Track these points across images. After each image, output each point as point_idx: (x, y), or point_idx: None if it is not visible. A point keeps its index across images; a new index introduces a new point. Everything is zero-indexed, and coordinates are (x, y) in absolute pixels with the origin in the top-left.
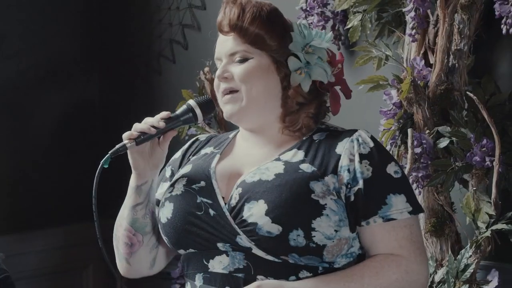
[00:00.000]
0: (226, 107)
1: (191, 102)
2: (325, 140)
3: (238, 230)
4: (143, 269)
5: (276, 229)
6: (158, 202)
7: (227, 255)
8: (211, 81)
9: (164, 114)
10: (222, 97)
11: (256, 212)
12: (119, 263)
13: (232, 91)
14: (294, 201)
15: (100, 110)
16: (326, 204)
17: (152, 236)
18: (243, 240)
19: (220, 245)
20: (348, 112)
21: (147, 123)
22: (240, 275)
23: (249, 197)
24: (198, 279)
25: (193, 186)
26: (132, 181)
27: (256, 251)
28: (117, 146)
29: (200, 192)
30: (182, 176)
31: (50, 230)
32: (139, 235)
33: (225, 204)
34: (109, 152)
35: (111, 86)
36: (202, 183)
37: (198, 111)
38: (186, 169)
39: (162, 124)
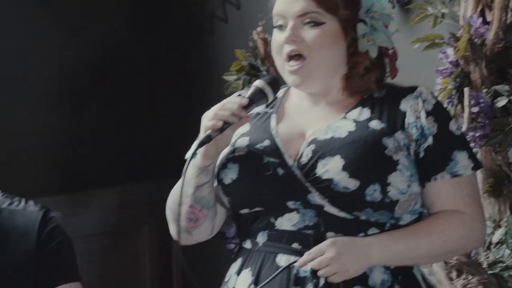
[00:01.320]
0: (293, 77)
1: (260, 83)
2: (386, 97)
3: (310, 188)
4: (203, 237)
5: (353, 184)
6: None
7: (298, 213)
8: (265, 41)
9: (243, 101)
10: (287, 61)
11: (332, 167)
12: (176, 233)
13: (298, 55)
14: (369, 157)
15: (152, 72)
16: (399, 160)
17: (214, 207)
18: (315, 197)
19: (290, 203)
20: (403, 71)
21: (227, 110)
22: (309, 232)
23: (323, 153)
24: (262, 236)
25: (257, 146)
26: (199, 163)
27: (329, 208)
28: (202, 138)
29: (265, 151)
30: (242, 136)
31: (106, 190)
32: (204, 210)
33: (294, 162)
34: (196, 146)
35: (164, 47)
36: (266, 142)
37: (268, 91)
38: (243, 128)
39: (244, 113)
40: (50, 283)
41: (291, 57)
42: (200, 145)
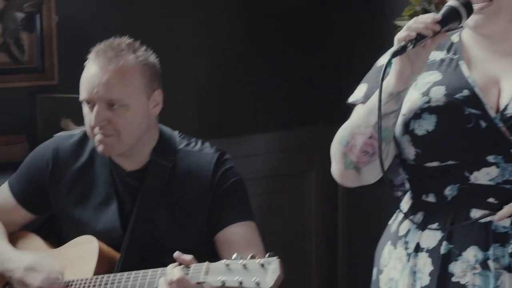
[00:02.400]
0: (476, 17)
1: (453, 2)
2: None
3: None
4: (370, 178)
5: None
6: None
7: (497, 167)
8: None
9: (436, 16)
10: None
11: None
12: (342, 171)
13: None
14: None
15: (319, 16)
16: None
17: (389, 146)
18: None
19: (490, 157)
20: None
21: (420, 23)
22: (508, 186)
23: None
24: (450, 190)
25: (456, 96)
26: (391, 87)
27: None
28: (395, 48)
29: (465, 102)
30: (435, 85)
31: (274, 133)
32: (383, 143)
33: (496, 114)
34: (390, 56)
35: None
36: (465, 92)
37: (463, 12)
38: (435, 76)
39: (438, 27)
40: (224, 222)
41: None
42: (394, 54)
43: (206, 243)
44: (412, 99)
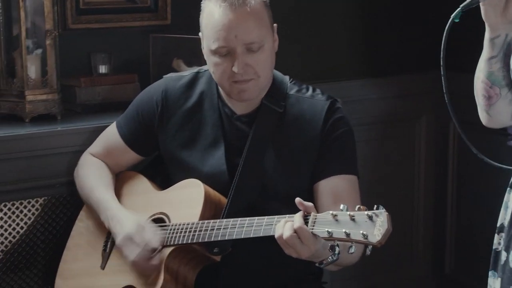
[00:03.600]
0: None
1: None
2: None
3: None
4: (504, 120)
5: None
6: None
7: None
8: None
9: None
10: None
11: None
12: (480, 113)
13: None
14: None
15: None
16: None
17: (510, 90)
18: None
19: None
20: None
21: None
22: None
23: None
24: None
25: None
26: (486, 34)
27: None
28: (468, 0)
29: None
30: None
31: (385, 78)
32: (496, 88)
33: None
34: (460, 6)
35: None
36: None
37: None
38: None
39: None
40: (328, 171)
41: None
42: (465, 6)
43: (309, 190)
44: None
